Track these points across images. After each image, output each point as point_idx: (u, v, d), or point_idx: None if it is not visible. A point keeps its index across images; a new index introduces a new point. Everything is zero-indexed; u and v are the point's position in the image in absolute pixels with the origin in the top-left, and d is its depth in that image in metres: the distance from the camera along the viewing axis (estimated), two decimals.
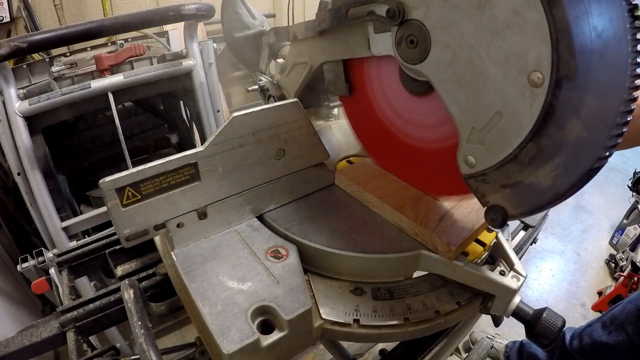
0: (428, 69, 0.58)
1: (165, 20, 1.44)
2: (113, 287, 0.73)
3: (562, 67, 0.41)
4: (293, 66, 0.95)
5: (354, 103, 0.87)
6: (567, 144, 0.44)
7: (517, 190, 0.50)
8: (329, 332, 0.60)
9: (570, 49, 0.41)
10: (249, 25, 1.26)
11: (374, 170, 0.85)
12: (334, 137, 1.00)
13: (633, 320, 1.25)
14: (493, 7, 0.46)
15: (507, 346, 1.79)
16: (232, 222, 0.73)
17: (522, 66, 0.45)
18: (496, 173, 0.51)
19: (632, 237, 2.44)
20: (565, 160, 0.44)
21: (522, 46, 0.44)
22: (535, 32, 0.43)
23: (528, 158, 0.47)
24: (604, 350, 1.33)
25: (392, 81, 0.76)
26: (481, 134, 0.52)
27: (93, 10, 2.28)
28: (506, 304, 0.65)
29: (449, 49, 0.53)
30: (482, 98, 0.50)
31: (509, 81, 0.46)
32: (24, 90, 1.38)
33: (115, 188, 0.59)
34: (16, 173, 1.38)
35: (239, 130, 0.67)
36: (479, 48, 0.49)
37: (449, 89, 0.55)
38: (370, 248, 0.67)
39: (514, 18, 0.44)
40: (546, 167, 0.46)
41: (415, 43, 0.59)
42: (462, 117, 0.54)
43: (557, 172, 0.45)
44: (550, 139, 0.45)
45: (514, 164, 0.49)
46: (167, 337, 2.00)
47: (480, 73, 0.50)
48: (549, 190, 0.47)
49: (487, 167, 0.52)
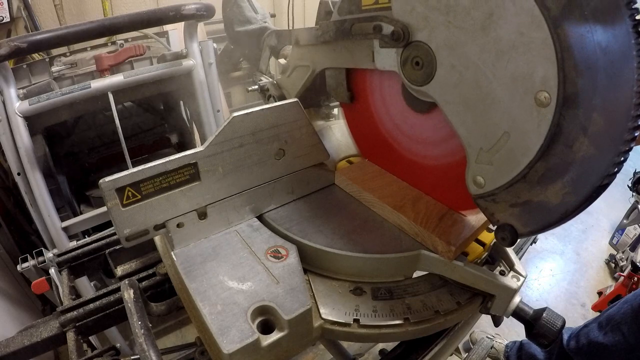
0: (434, 90, 0.58)
1: (165, 20, 1.44)
2: (113, 287, 0.73)
3: (568, 86, 0.41)
4: (295, 68, 0.95)
5: (354, 111, 0.87)
6: (576, 161, 0.44)
7: (526, 209, 0.50)
8: (329, 332, 0.60)
9: (576, 67, 0.40)
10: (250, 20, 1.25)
11: (374, 170, 0.85)
12: (334, 137, 1.00)
13: (629, 321, 1.26)
14: (498, 27, 0.46)
15: (507, 346, 1.80)
16: (232, 222, 0.73)
17: (528, 86, 0.45)
18: (505, 193, 0.51)
19: (632, 237, 2.44)
20: (574, 178, 0.44)
21: (528, 66, 0.44)
22: (540, 51, 0.43)
23: (537, 177, 0.47)
24: (601, 351, 1.33)
25: (394, 95, 0.75)
26: (489, 155, 0.52)
27: (93, 10, 2.28)
28: (506, 304, 0.65)
29: (454, 70, 0.53)
30: (490, 119, 0.50)
31: (516, 101, 0.46)
32: (24, 90, 1.38)
33: (115, 188, 0.59)
34: (16, 173, 1.38)
35: (239, 130, 0.67)
36: (485, 69, 0.49)
37: (456, 110, 0.55)
38: (370, 248, 0.67)
39: (519, 38, 0.44)
40: (555, 185, 0.46)
41: (421, 65, 0.58)
42: (470, 137, 0.54)
43: (566, 190, 0.45)
44: (559, 158, 0.45)
45: (523, 184, 0.49)
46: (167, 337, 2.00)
47: (486, 94, 0.50)
48: (559, 208, 0.47)
49: (496, 187, 0.52)
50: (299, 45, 0.88)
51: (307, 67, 0.89)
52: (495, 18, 0.46)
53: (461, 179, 0.58)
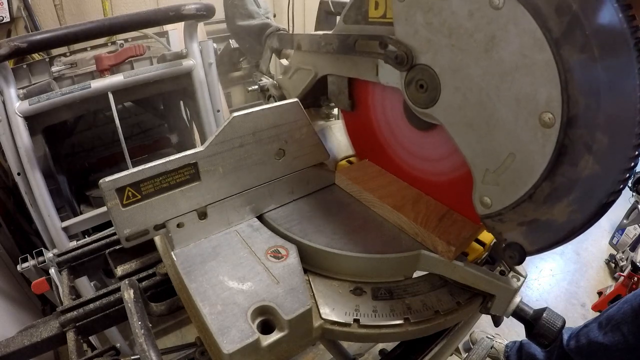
0: (439, 112, 0.58)
1: (165, 20, 1.44)
2: (113, 287, 0.73)
3: (572, 106, 0.42)
4: (297, 70, 0.95)
5: (355, 119, 0.87)
6: (581, 180, 0.44)
7: (533, 228, 0.50)
8: (329, 332, 0.60)
9: (579, 88, 0.41)
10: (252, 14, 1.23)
11: (374, 170, 0.85)
12: (334, 137, 1.00)
13: (629, 321, 1.25)
14: (500, 49, 0.46)
15: (507, 346, 1.80)
16: (232, 222, 0.72)
17: (532, 107, 0.45)
18: (512, 212, 0.52)
19: (632, 237, 2.44)
20: (579, 196, 0.45)
21: (532, 87, 0.44)
22: (543, 73, 0.43)
23: (543, 196, 0.48)
24: (600, 351, 1.33)
25: (396, 110, 0.76)
26: (495, 175, 0.52)
27: (93, 10, 2.28)
28: (506, 304, 0.65)
29: (459, 92, 0.54)
30: (495, 140, 0.51)
31: (520, 122, 0.47)
32: (24, 90, 1.38)
33: (115, 188, 0.59)
34: (16, 173, 1.38)
35: (239, 130, 0.67)
36: (488, 90, 0.49)
37: (461, 132, 0.55)
38: (370, 248, 0.67)
39: (522, 60, 0.44)
40: (561, 203, 0.46)
41: (425, 88, 0.59)
42: (476, 158, 0.54)
43: (572, 208, 0.45)
44: (564, 177, 0.45)
45: (529, 203, 0.49)
46: (167, 337, 2.00)
47: (491, 115, 0.50)
48: (565, 225, 0.47)
49: (503, 207, 0.52)
50: (300, 50, 0.88)
51: (310, 70, 0.89)
52: (498, 40, 0.47)
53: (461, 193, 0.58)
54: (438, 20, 0.53)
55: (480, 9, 0.47)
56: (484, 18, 0.47)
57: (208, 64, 1.66)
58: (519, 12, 0.43)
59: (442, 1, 0.52)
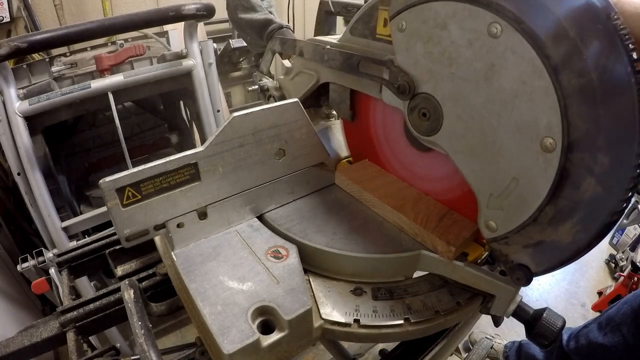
0: (442, 140, 0.59)
1: (165, 20, 1.44)
2: (113, 287, 0.73)
3: (572, 131, 0.42)
4: (299, 72, 0.95)
5: (355, 128, 0.88)
6: (584, 202, 0.44)
7: (539, 249, 0.51)
8: (329, 332, 0.60)
9: (579, 113, 0.41)
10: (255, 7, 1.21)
11: (374, 170, 0.85)
12: (334, 137, 1.00)
13: (628, 321, 1.25)
14: (500, 77, 0.47)
15: (506, 346, 1.80)
16: (232, 222, 0.72)
17: (533, 133, 0.45)
18: (517, 235, 0.52)
19: (632, 237, 2.44)
20: (583, 217, 0.45)
21: (532, 114, 0.45)
22: (543, 99, 0.43)
23: (547, 219, 0.48)
24: (600, 351, 1.33)
25: (396, 128, 0.76)
26: (500, 200, 0.53)
27: (93, 10, 2.28)
28: (506, 304, 0.65)
29: (461, 120, 0.54)
30: (497, 165, 0.51)
31: (522, 148, 0.47)
32: (24, 90, 1.38)
33: (115, 188, 0.59)
34: (16, 173, 1.38)
35: (239, 130, 0.67)
36: (490, 118, 0.50)
37: (464, 159, 0.56)
38: (370, 248, 0.67)
39: (521, 87, 0.45)
40: (565, 225, 0.47)
41: (428, 116, 0.59)
42: (479, 184, 0.55)
43: (577, 229, 0.46)
44: (567, 199, 0.46)
45: (534, 226, 0.50)
46: (167, 337, 2.00)
47: (493, 142, 0.51)
48: (571, 246, 0.48)
49: (508, 231, 0.53)
50: (303, 57, 0.88)
51: (312, 75, 0.89)
52: (497, 68, 0.47)
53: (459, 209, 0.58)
54: (438, 49, 0.54)
55: (479, 38, 0.48)
56: (483, 47, 0.48)
57: (208, 64, 1.66)
58: (516, 40, 0.44)
59: (442, 31, 0.52)
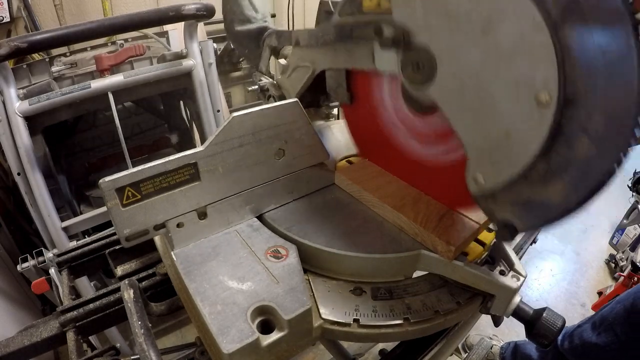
0: (434, 92, 0.58)
1: (165, 20, 1.44)
2: (113, 287, 0.73)
3: (568, 87, 0.41)
4: (295, 68, 0.95)
5: (354, 111, 0.87)
6: (576, 161, 0.44)
7: (526, 207, 0.50)
8: (329, 332, 0.60)
9: (576, 69, 0.41)
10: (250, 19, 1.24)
11: (374, 170, 0.85)
12: (334, 137, 1.00)
13: (621, 321, 1.25)
14: (498, 31, 0.46)
15: (502, 347, 1.80)
16: (232, 222, 0.72)
17: (529, 88, 0.45)
18: (505, 191, 0.51)
19: (632, 237, 2.44)
20: (574, 176, 0.44)
21: (529, 68, 0.44)
22: (541, 54, 0.43)
23: (537, 176, 0.47)
24: (594, 351, 1.33)
25: (394, 97, 0.75)
26: (490, 154, 0.52)
27: (93, 10, 2.28)
28: (506, 304, 0.65)
29: (455, 72, 0.53)
30: (490, 119, 0.50)
31: (516, 103, 0.47)
32: (24, 90, 1.38)
33: (115, 188, 0.59)
34: (16, 173, 1.38)
35: (239, 130, 0.67)
36: (485, 72, 0.49)
37: (456, 111, 0.55)
38: (370, 248, 0.67)
39: (519, 42, 0.44)
40: (556, 184, 0.46)
41: (421, 68, 0.58)
42: (471, 138, 0.54)
43: (567, 189, 0.45)
44: (559, 157, 0.45)
45: (523, 183, 0.49)
46: (167, 337, 2.00)
47: (487, 95, 0.50)
48: (559, 206, 0.47)
49: (496, 186, 0.52)
50: (299, 46, 0.88)
51: (307, 67, 0.89)
52: (496, 22, 0.46)
53: (461, 177, 0.58)
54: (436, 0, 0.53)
55: None
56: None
57: (208, 64, 1.66)
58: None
59: None
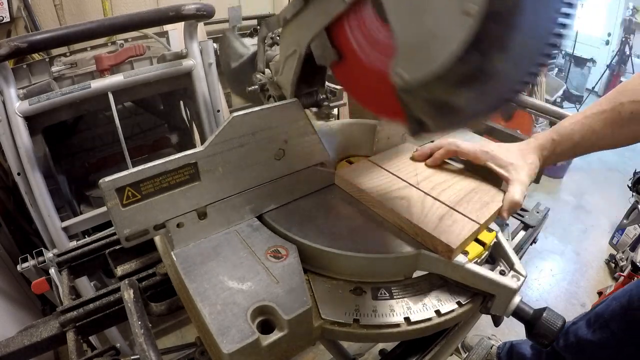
0: None
1: (165, 20, 1.44)
2: (113, 287, 0.73)
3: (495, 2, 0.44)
4: (285, 61, 0.95)
5: (345, 66, 0.87)
6: (488, 72, 0.47)
7: (438, 108, 0.54)
8: (329, 332, 0.60)
9: None
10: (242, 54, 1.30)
11: (374, 171, 0.85)
12: (334, 137, 1.00)
13: (617, 318, 1.25)
14: None
15: (499, 347, 1.81)
16: (232, 222, 0.73)
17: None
18: (422, 90, 0.55)
19: (632, 237, 2.44)
20: (485, 87, 0.48)
21: None
22: None
23: (451, 80, 0.51)
24: (590, 348, 1.33)
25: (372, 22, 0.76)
26: (413, 50, 0.55)
27: (93, 10, 2.28)
28: (506, 304, 0.65)
29: None
30: (421, 19, 0.53)
31: (446, 8, 0.49)
32: (24, 90, 1.38)
33: (115, 188, 0.59)
34: (16, 173, 1.38)
35: (239, 130, 0.67)
36: None
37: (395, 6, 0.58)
38: (370, 248, 0.67)
39: None
40: (468, 90, 0.50)
41: None
42: (401, 33, 0.57)
43: (476, 97, 0.50)
44: (474, 66, 0.48)
45: (439, 83, 0.52)
46: (167, 337, 2.00)
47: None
48: (466, 111, 0.51)
49: (415, 82, 0.55)
50: (286, 22, 0.89)
51: (295, 52, 0.89)
52: None
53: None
54: None
55: None
56: None
57: (208, 64, 1.66)
58: None
59: None
